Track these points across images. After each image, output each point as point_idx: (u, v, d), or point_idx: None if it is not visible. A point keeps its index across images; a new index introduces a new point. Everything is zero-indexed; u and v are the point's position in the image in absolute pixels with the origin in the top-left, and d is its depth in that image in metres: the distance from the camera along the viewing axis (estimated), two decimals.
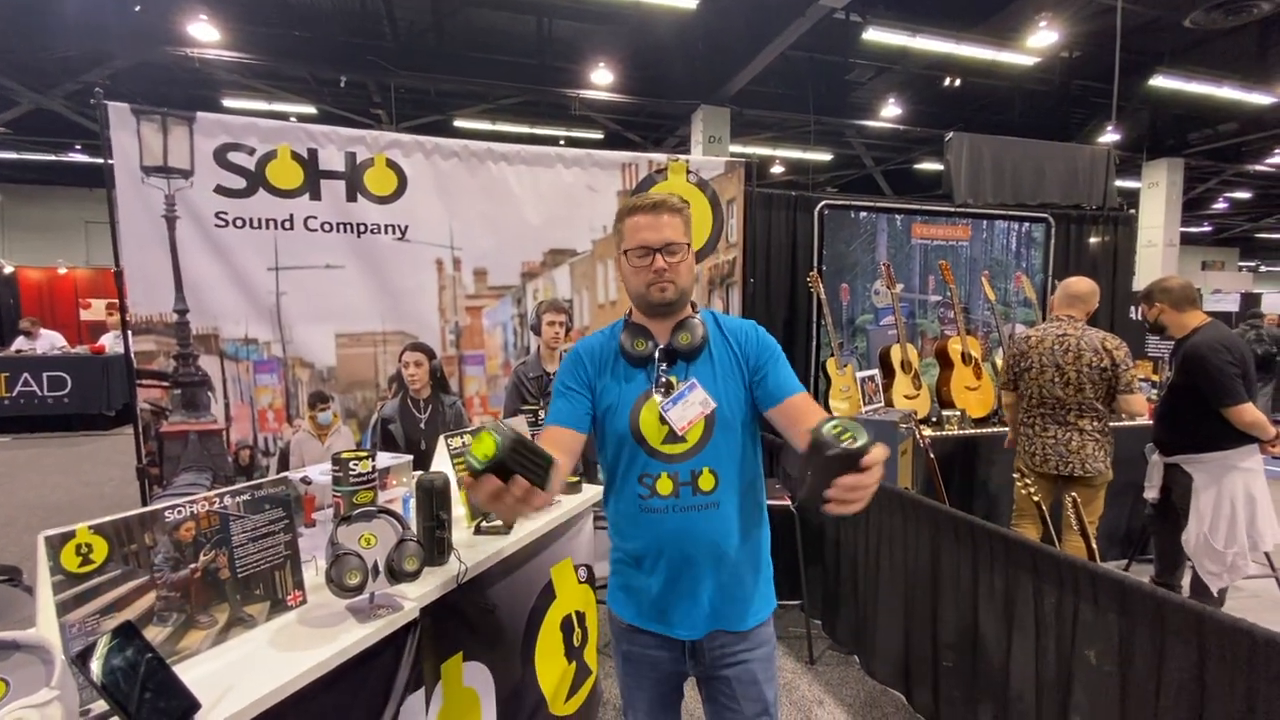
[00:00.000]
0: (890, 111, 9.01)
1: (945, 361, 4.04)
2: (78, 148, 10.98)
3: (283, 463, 2.85)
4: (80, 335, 10.57)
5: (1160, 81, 7.60)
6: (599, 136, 10.36)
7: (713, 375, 1.26)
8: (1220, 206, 16.87)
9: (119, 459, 6.20)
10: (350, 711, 1.30)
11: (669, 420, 1.22)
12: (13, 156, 11.47)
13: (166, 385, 2.69)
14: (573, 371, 1.31)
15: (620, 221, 1.29)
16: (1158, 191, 10.70)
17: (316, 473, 1.73)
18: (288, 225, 2.79)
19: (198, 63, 6.84)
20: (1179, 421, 2.65)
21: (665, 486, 1.23)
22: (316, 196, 2.83)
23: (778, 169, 12.79)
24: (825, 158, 12.13)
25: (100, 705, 1.02)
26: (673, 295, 1.24)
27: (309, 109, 8.76)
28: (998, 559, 1.96)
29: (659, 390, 1.24)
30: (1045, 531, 2.53)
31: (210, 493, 1.30)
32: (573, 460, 1.25)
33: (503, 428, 0.92)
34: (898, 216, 4.25)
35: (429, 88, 8.39)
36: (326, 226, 2.85)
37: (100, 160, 2.54)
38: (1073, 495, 2.41)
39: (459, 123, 9.23)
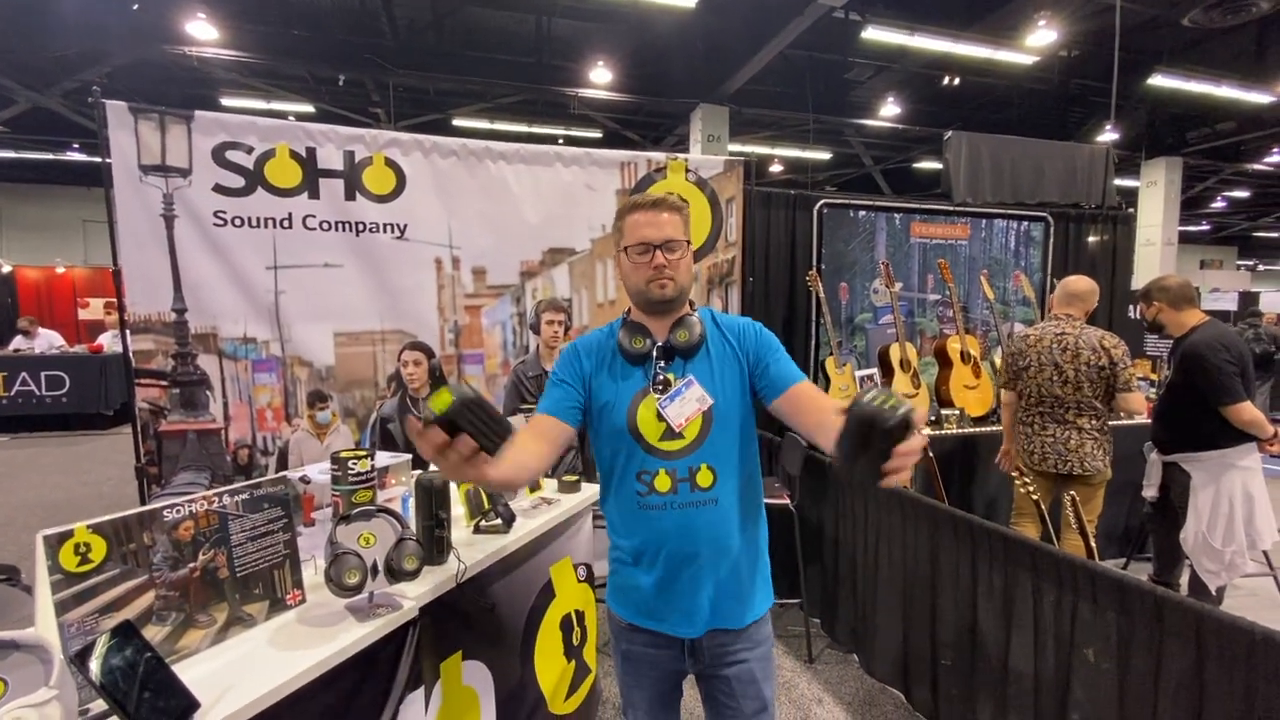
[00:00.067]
0: (889, 110, 9.00)
1: (944, 360, 4.04)
2: (75, 146, 10.95)
3: (281, 462, 2.85)
4: (78, 334, 10.55)
5: (1159, 80, 7.60)
6: (598, 135, 10.35)
7: (710, 372, 1.26)
8: (1218, 205, 16.89)
9: (117, 458, 6.19)
10: (349, 710, 1.30)
11: (666, 417, 1.22)
12: (10, 155, 11.44)
13: (165, 384, 2.69)
14: (568, 364, 1.31)
15: (620, 219, 1.30)
16: (1156, 190, 10.72)
17: (315, 472, 1.73)
18: (286, 224, 2.79)
19: (196, 61, 6.83)
20: (1177, 420, 2.65)
21: (663, 483, 1.23)
22: (315, 195, 2.82)
23: (776, 168, 12.79)
24: (824, 156, 12.12)
25: (99, 704, 1.02)
26: (672, 292, 1.25)
27: (307, 108, 8.75)
28: (996, 557, 1.96)
29: (656, 387, 1.24)
30: (1044, 530, 2.54)
31: (209, 492, 1.30)
32: (553, 449, 1.24)
33: (464, 386, 0.92)
34: (896, 215, 4.25)
35: (428, 86, 8.38)
36: (325, 225, 2.85)
37: (98, 159, 2.54)
38: (1071, 494, 2.41)
39: (458, 121, 9.22)
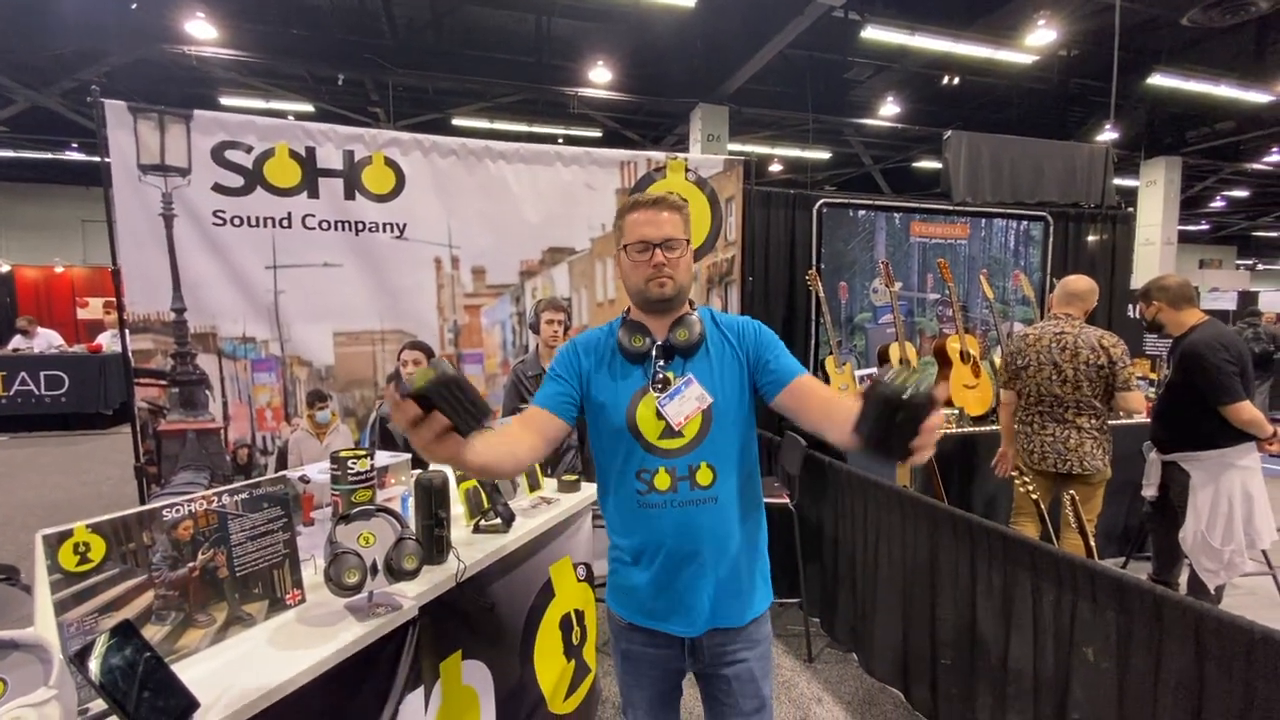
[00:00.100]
0: (889, 110, 9.01)
1: (943, 360, 4.04)
2: (74, 146, 10.94)
3: (281, 461, 2.85)
4: (77, 334, 10.55)
5: (1158, 80, 7.60)
6: (597, 135, 10.34)
7: (710, 371, 1.26)
8: (1218, 205, 16.90)
9: (116, 458, 6.18)
10: (349, 710, 1.30)
11: (665, 415, 1.22)
12: (9, 154, 11.43)
13: (164, 384, 2.69)
14: (566, 361, 1.31)
15: (620, 218, 1.30)
16: (1155, 190, 10.72)
17: (315, 471, 1.72)
18: (285, 223, 2.79)
19: (195, 61, 6.82)
20: (1177, 419, 2.65)
21: (663, 481, 1.23)
22: (314, 195, 2.82)
23: (776, 167, 12.79)
24: (824, 156, 12.12)
25: (98, 704, 1.02)
26: (671, 290, 1.25)
27: (307, 107, 8.74)
28: (996, 557, 1.96)
29: (655, 386, 1.24)
30: (1044, 529, 2.54)
31: (208, 491, 1.30)
32: (543, 441, 1.23)
33: (445, 365, 0.93)
34: (896, 215, 4.25)
35: (427, 86, 8.38)
36: (324, 225, 2.85)
37: (97, 158, 2.54)
38: (1071, 493, 2.41)
39: (457, 121, 9.21)
